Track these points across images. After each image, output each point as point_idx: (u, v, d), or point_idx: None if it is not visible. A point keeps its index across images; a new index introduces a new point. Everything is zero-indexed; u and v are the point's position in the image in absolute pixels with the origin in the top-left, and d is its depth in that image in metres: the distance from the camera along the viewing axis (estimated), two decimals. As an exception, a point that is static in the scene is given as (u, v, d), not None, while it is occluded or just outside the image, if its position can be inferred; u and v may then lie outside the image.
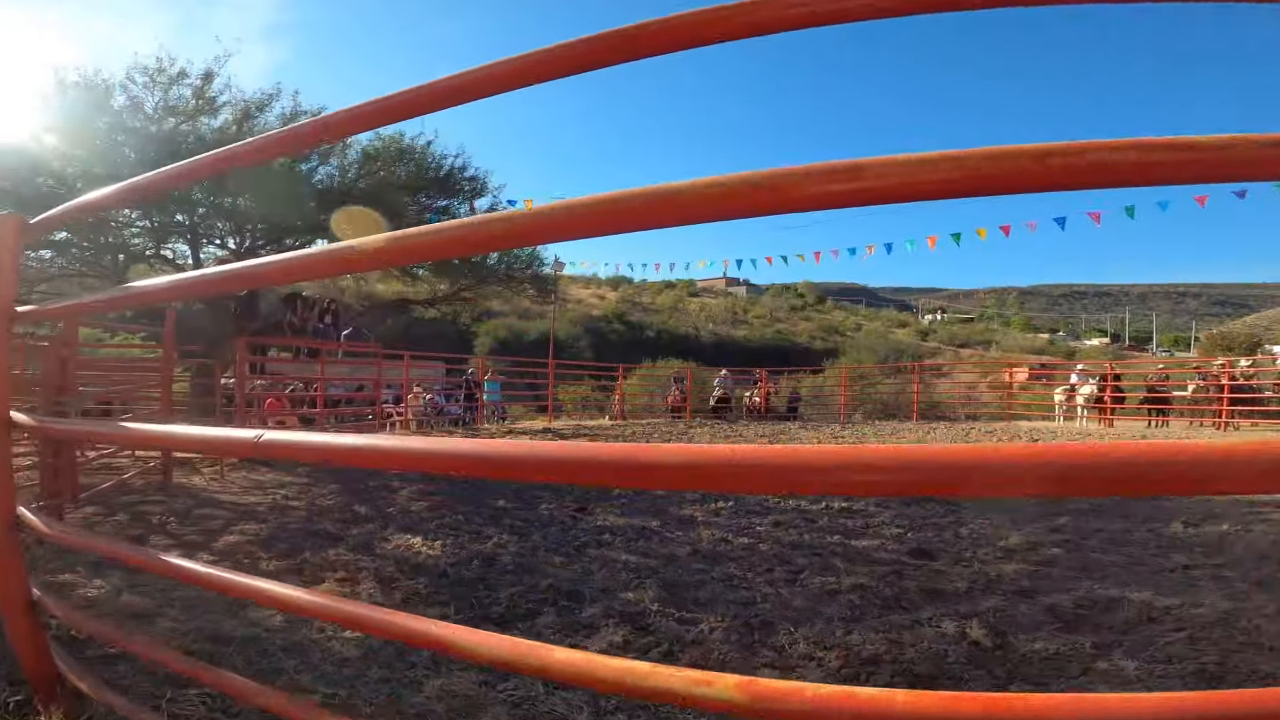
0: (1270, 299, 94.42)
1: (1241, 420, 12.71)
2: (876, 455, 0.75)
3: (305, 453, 1.24)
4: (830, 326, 56.54)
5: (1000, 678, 2.63)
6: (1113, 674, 2.57)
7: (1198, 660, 2.58)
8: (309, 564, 4.10)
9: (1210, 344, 49.53)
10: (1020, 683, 2.57)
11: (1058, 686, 2.52)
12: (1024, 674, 2.65)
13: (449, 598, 3.60)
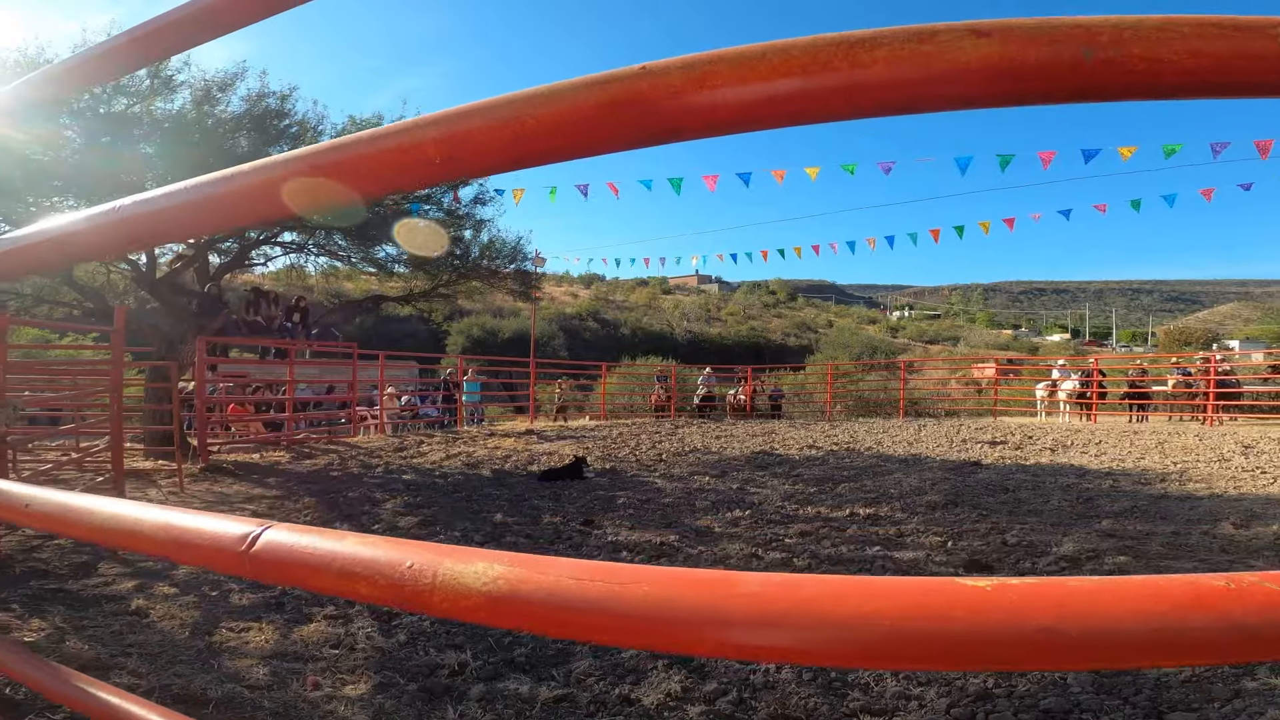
0: (1221, 295, 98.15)
1: (1223, 415, 12.79)
2: None
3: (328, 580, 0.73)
4: (802, 323, 56.78)
5: (1144, 707, 2.27)
6: (1269, 693, 2.26)
7: None
8: (290, 597, 3.56)
9: (1168, 339, 51.10)
10: (1173, 711, 2.22)
11: (1213, 712, 2.18)
12: (1171, 700, 2.31)
13: (463, 638, 3.12)
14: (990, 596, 0.39)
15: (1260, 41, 0.38)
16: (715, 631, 0.46)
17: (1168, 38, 0.38)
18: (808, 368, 24.07)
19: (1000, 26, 0.42)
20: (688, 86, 0.48)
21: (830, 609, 0.42)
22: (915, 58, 0.43)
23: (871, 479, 7.25)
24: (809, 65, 0.44)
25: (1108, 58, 0.39)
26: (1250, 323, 69.79)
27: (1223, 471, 7.04)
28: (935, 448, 9.85)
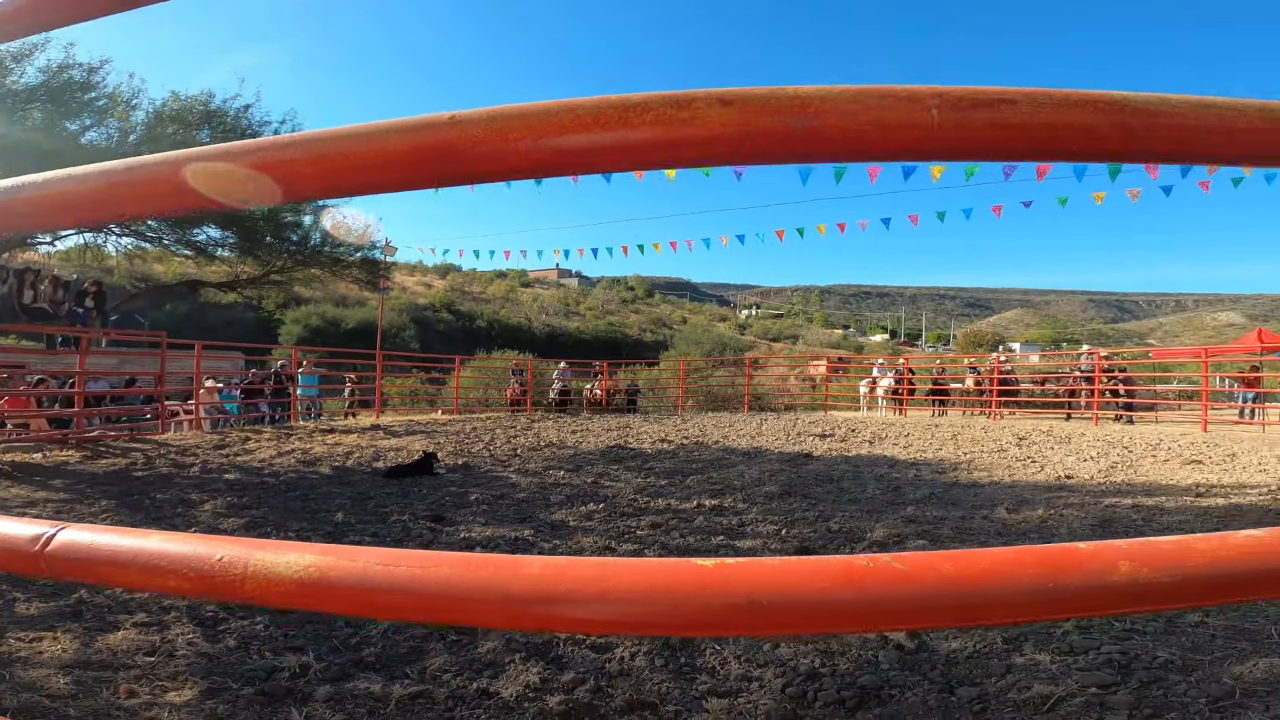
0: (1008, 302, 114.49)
1: (1004, 410, 14.99)
2: None
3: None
4: (659, 319, 58.54)
5: (938, 681, 2.63)
6: (1034, 668, 2.68)
7: (1100, 650, 2.75)
8: (90, 605, 3.16)
9: (965, 341, 58.83)
10: (962, 686, 2.59)
11: (991, 685, 2.56)
12: (959, 676, 2.68)
13: (302, 640, 2.95)
14: (711, 573, 0.49)
15: (919, 113, 0.49)
16: (503, 607, 0.53)
17: (858, 109, 0.49)
18: (662, 363, 24.90)
19: (740, 96, 0.49)
20: (490, 138, 0.54)
21: (592, 587, 0.50)
22: (674, 121, 0.50)
23: (717, 471, 7.69)
24: (591, 124, 0.51)
25: (812, 127, 0.49)
26: (1030, 327, 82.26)
27: (1001, 461, 8.26)
28: (774, 441, 10.63)
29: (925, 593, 0.45)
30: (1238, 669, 2.54)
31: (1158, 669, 2.59)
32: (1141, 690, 2.44)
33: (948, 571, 0.45)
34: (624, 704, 2.54)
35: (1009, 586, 0.45)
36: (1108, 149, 0.47)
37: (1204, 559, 0.45)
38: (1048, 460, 8.12)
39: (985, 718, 2.35)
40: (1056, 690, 2.43)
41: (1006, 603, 0.45)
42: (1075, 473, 7.23)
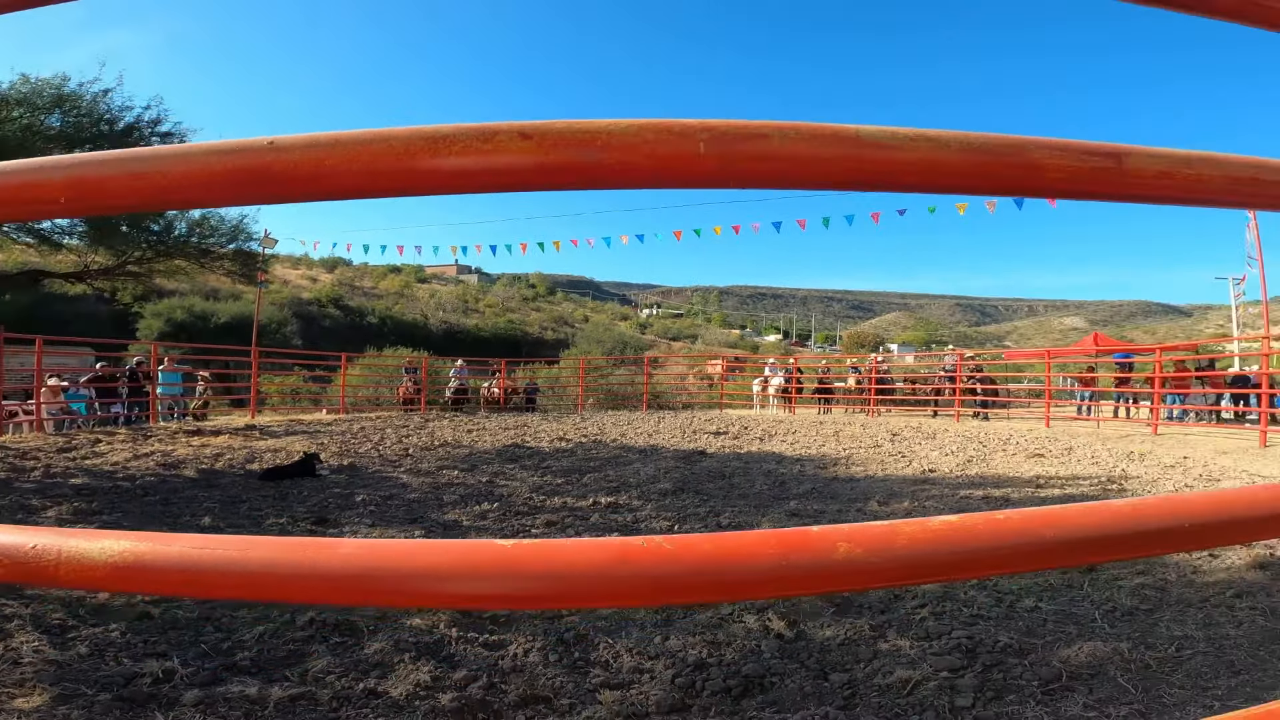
0: (888, 305, 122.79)
1: (881, 408, 16.11)
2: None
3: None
4: (560, 317, 58.17)
5: (814, 669, 2.82)
6: (896, 654, 2.91)
7: (951, 636, 3.03)
8: None
9: (850, 342, 62.59)
10: (834, 672, 2.79)
11: (860, 671, 2.78)
12: (832, 663, 2.88)
13: (165, 646, 2.77)
14: (510, 553, 0.56)
15: (688, 146, 0.55)
16: (318, 584, 0.59)
17: (638, 142, 0.55)
18: (562, 361, 24.80)
19: (539, 129, 0.55)
20: (305, 163, 0.57)
21: (401, 565, 0.56)
22: (480, 151, 0.55)
23: (614, 469, 7.79)
24: (403, 153, 0.56)
25: (599, 159, 0.55)
26: (907, 329, 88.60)
27: (875, 456, 8.89)
28: (670, 438, 10.89)
29: (685, 570, 0.53)
30: (1065, 652, 2.83)
31: (999, 653, 2.85)
32: (985, 674, 2.68)
33: (706, 551, 0.53)
34: (518, 699, 2.56)
35: (753, 565, 0.53)
36: (844, 180, 0.56)
37: (906, 541, 0.55)
38: (915, 455, 8.82)
39: (854, 702, 2.53)
40: (914, 675, 2.66)
41: (751, 579, 0.54)
42: (938, 467, 7.91)
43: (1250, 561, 3.94)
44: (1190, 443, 9.10)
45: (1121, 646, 2.84)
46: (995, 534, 0.57)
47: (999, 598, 3.52)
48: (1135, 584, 3.63)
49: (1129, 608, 3.32)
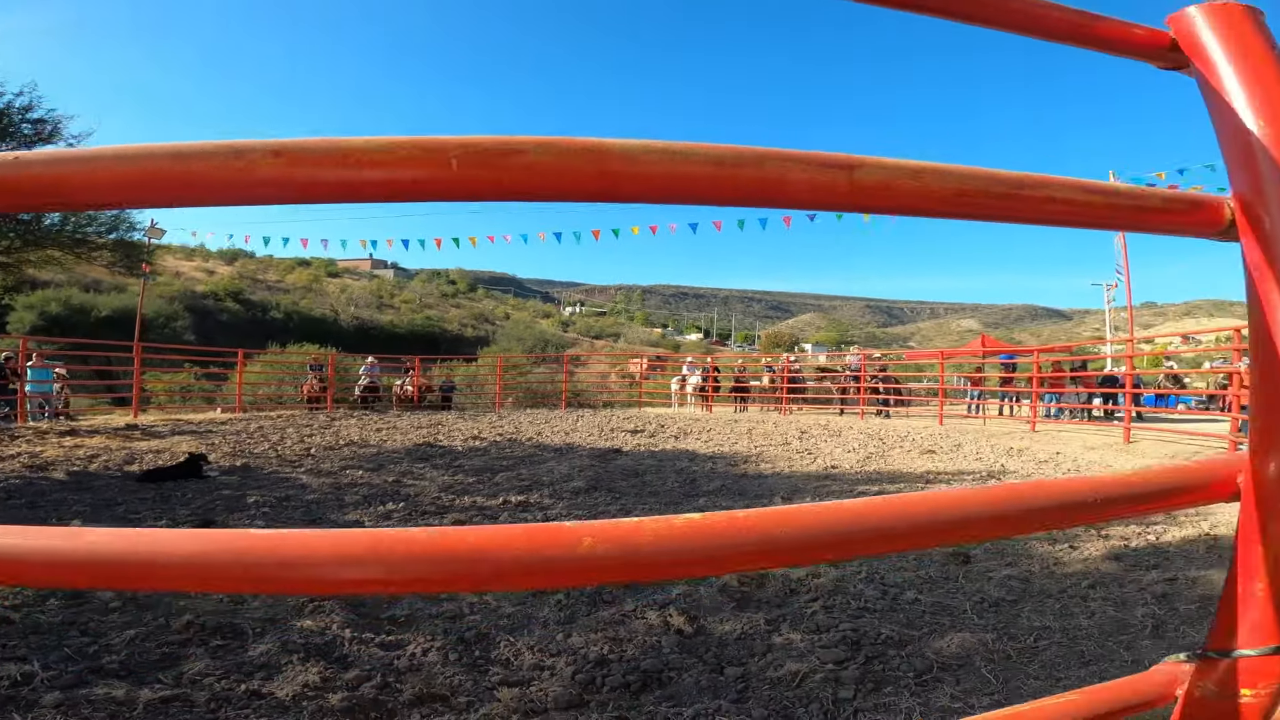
0: (804, 306, 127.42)
1: (793, 406, 16.73)
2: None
3: None
4: (481, 314, 57.00)
5: (711, 663, 2.90)
6: (788, 647, 3.02)
7: (838, 629, 3.16)
8: None
9: (768, 341, 64.53)
10: (729, 665, 2.87)
11: (754, 664, 2.88)
12: (729, 657, 2.96)
13: (25, 649, 2.58)
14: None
15: (440, 162, 0.57)
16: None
17: (390, 159, 0.57)
18: (480, 359, 24.34)
19: (290, 147, 0.57)
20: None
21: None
22: (232, 169, 0.56)
23: (528, 468, 7.73)
24: (151, 169, 0.57)
25: (352, 175, 0.57)
26: (821, 330, 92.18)
27: (784, 453, 9.21)
28: (587, 437, 10.90)
29: (439, 558, 0.56)
30: (938, 643, 2.97)
31: (881, 645, 2.98)
32: (866, 665, 2.80)
33: (459, 542, 0.56)
34: (413, 697, 2.52)
35: (502, 557, 0.56)
36: (595, 193, 0.59)
37: (650, 538, 0.58)
38: (820, 452, 9.21)
39: (746, 695, 2.61)
40: (803, 667, 2.76)
41: (501, 571, 0.56)
42: (840, 463, 8.29)
43: (1105, 553, 4.23)
44: (1063, 439, 9.95)
45: (987, 638, 3.00)
46: (735, 531, 0.62)
47: (884, 590, 3.67)
48: (1003, 575, 3.85)
49: (996, 599, 3.52)
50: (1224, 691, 0.87)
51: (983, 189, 0.70)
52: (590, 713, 2.54)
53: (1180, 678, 0.91)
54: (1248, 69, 0.84)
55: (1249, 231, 0.79)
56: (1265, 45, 0.86)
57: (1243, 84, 0.84)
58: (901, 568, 4.05)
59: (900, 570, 3.99)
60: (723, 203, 0.62)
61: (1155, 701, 0.92)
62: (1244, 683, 0.86)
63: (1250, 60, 0.85)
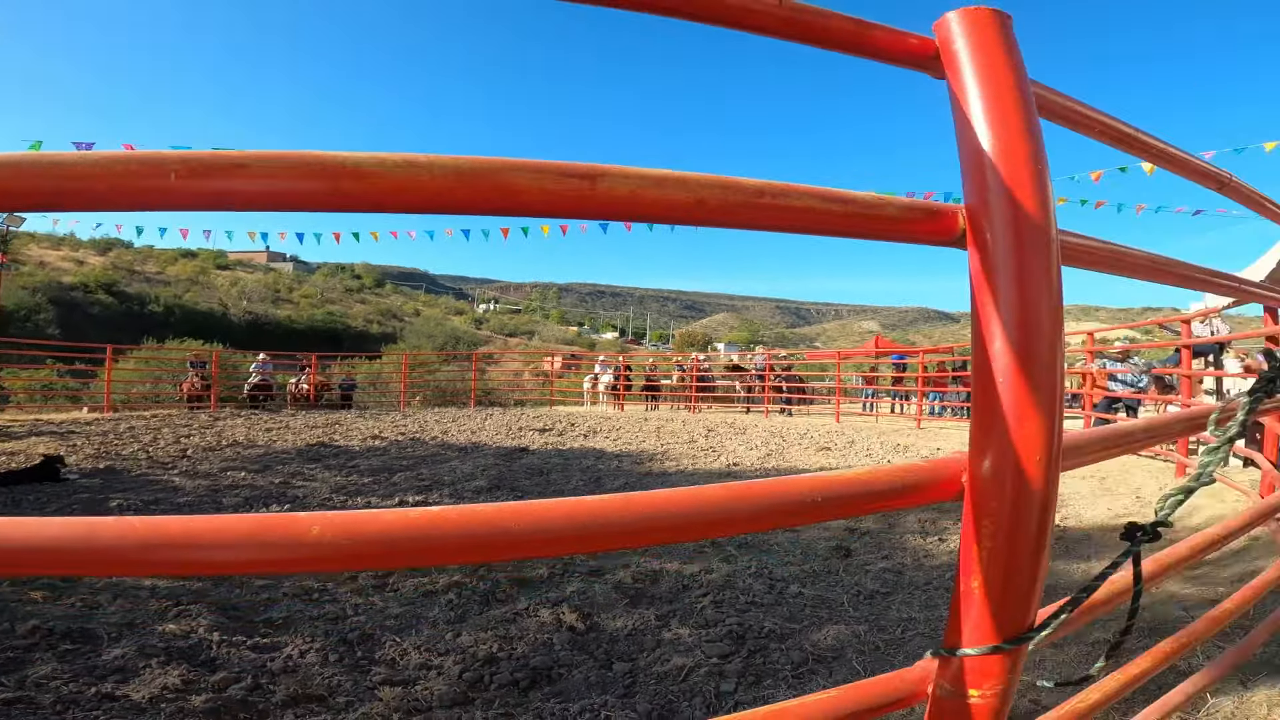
0: (717, 306, 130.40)
1: (701, 404, 17.11)
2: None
3: None
4: (388, 310, 54.80)
5: (601, 659, 2.92)
6: (676, 642, 3.08)
7: (725, 623, 3.25)
8: None
9: (681, 340, 65.54)
10: (618, 661, 2.90)
11: (643, 660, 2.92)
12: (619, 653, 2.99)
13: None
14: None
15: (160, 175, 0.58)
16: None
17: (120, 170, 0.57)
18: (385, 356, 23.41)
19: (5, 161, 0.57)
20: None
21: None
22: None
23: (429, 467, 7.52)
24: None
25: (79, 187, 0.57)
26: (733, 329, 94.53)
27: (689, 451, 9.38)
28: (495, 436, 10.72)
29: (157, 544, 0.58)
30: (816, 636, 3.10)
31: (764, 638, 3.09)
32: (749, 659, 2.89)
33: (178, 531, 0.58)
34: (287, 698, 2.44)
35: (225, 545, 0.59)
36: (325, 203, 0.60)
37: (381, 527, 0.61)
38: (724, 449, 9.46)
39: (633, 690, 2.66)
40: (689, 662, 2.83)
41: (224, 560, 0.59)
42: (741, 460, 8.55)
43: None
44: (945, 435, 10.69)
45: (860, 630, 3.15)
46: (467, 523, 0.64)
47: (771, 584, 3.79)
48: (879, 568, 4.05)
49: (871, 591, 3.69)
50: (958, 691, 0.87)
51: (721, 198, 0.72)
52: (475, 710, 2.53)
53: (930, 676, 0.91)
54: (985, 79, 0.84)
55: (974, 242, 0.83)
56: (1005, 55, 0.85)
57: (981, 95, 0.83)
58: (789, 562, 4.21)
59: (788, 565, 4.15)
60: (464, 212, 0.64)
61: (909, 700, 0.92)
62: (971, 683, 0.86)
63: (989, 70, 0.84)
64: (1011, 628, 0.84)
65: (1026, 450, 0.81)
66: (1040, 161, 0.81)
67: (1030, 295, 0.80)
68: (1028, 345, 0.80)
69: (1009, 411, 0.81)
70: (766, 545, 4.60)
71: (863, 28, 0.85)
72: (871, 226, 0.83)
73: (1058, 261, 0.83)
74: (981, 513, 0.84)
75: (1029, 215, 0.80)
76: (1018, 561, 0.83)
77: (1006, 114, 0.82)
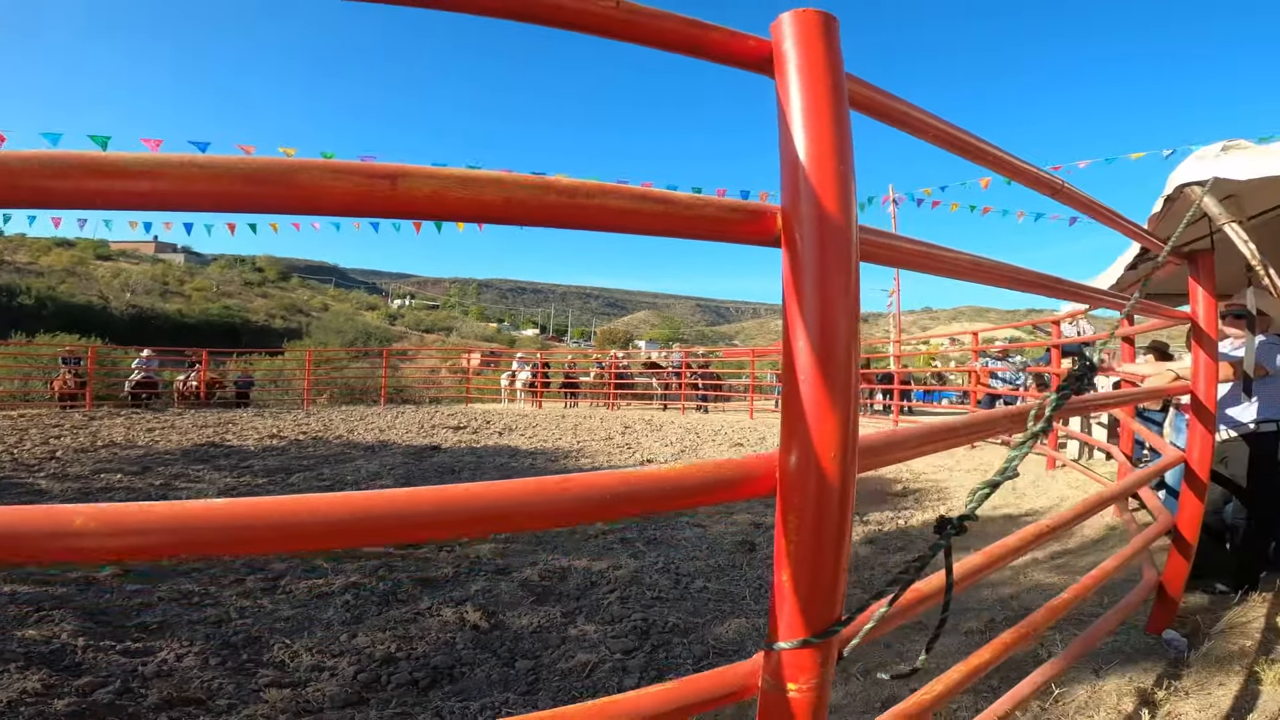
0: (639, 303, 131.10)
1: (621, 401, 17.18)
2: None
3: None
4: (293, 305, 51.90)
5: (504, 657, 2.89)
6: (582, 638, 3.08)
7: (630, 619, 3.28)
8: None
9: (603, 338, 65.57)
10: (521, 659, 2.88)
11: (547, 657, 2.91)
12: (522, 650, 2.96)
13: None
14: None
15: None
16: None
17: None
18: (287, 353, 22.18)
19: None
20: None
21: None
22: None
23: (331, 467, 7.21)
24: None
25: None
26: (655, 327, 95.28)
27: (605, 448, 9.40)
28: (405, 434, 10.38)
29: None
30: (719, 629, 3.16)
31: (667, 633, 3.13)
32: (652, 654, 2.93)
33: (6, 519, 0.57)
34: (160, 701, 2.32)
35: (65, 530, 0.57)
36: (121, 202, 0.59)
37: (159, 521, 0.59)
38: (640, 446, 9.53)
39: (536, 687, 2.65)
40: (593, 658, 2.84)
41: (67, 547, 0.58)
42: (655, 456, 8.65)
43: (862, 537, 4.72)
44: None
45: (760, 623, 3.23)
46: (253, 516, 0.62)
47: (677, 580, 3.85)
48: None
49: (771, 584, 3.89)
50: (778, 685, 0.88)
51: (535, 197, 0.72)
52: (370, 711, 2.48)
53: (759, 670, 0.91)
54: (804, 84, 0.83)
55: (786, 243, 0.83)
56: (827, 60, 0.84)
57: (800, 98, 0.83)
58: (695, 557, 4.29)
59: (694, 560, 4.23)
60: (261, 210, 0.62)
61: (740, 694, 0.92)
62: (789, 676, 0.87)
63: (809, 74, 0.83)
64: (820, 622, 0.85)
65: (825, 448, 0.82)
66: (847, 164, 0.82)
67: (830, 297, 0.82)
68: (826, 346, 0.82)
69: (809, 410, 0.83)
70: (674, 541, 4.68)
71: (699, 29, 0.84)
72: (692, 226, 0.82)
73: (857, 265, 0.85)
74: (789, 508, 0.85)
75: (832, 218, 0.82)
76: (822, 556, 0.84)
77: (820, 118, 0.82)
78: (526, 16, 0.76)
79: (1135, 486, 2.35)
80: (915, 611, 1.18)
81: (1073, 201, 1.70)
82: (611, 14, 0.79)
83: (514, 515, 0.74)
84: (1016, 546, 1.51)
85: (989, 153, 1.27)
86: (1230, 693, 2.23)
